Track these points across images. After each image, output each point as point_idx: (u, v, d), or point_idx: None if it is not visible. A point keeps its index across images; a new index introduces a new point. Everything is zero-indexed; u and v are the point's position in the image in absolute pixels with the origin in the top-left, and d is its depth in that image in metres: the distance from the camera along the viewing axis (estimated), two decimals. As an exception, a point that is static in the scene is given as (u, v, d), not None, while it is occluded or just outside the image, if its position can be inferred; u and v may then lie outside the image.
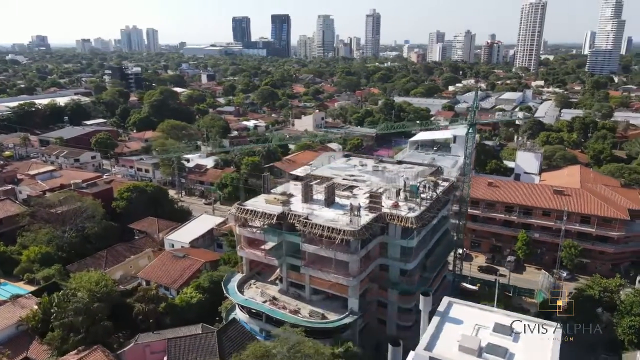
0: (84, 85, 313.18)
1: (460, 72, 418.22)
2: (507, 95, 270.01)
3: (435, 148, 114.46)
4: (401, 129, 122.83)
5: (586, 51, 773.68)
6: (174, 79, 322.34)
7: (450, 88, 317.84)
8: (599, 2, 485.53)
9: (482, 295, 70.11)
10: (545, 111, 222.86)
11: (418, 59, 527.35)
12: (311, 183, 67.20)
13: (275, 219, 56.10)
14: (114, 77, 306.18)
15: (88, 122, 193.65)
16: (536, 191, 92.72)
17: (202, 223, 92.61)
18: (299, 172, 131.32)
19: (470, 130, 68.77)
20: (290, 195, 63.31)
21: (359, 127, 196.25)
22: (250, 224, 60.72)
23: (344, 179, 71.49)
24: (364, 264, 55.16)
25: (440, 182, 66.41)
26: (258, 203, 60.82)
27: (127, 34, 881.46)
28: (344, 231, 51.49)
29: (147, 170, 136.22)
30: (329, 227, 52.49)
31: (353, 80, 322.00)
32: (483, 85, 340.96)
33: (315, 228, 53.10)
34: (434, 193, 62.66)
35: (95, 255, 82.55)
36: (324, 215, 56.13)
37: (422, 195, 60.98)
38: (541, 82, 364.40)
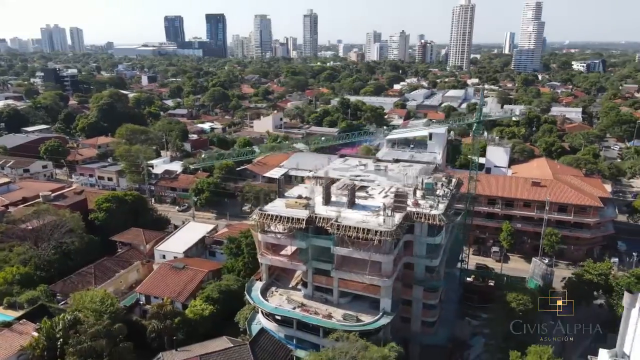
0: (11, 89, 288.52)
1: (400, 71, 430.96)
2: (452, 92, 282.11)
3: (412, 146, 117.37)
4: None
5: (507, 50, 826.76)
6: (114, 81, 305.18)
7: (396, 86, 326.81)
8: (521, 4, 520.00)
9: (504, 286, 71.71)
10: (490, 107, 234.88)
11: (358, 59, 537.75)
12: (318, 184, 66.96)
13: (304, 223, 54.95)
14: (47, 80, 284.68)
15: (28, 129, 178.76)
16: (515, 184, 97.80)
17: (191, 231, 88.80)
18: (273, 174, 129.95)
19: (475, 127, 70.96)
20: (308, 199, 62.38)
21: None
22: (271, 229, 59.16)
23: (350, 180, 71.42)
24: (395, 264, 55.48)
25: (452, 179, 68.09)
26: (278, 208, 59.31)
27: (48, 33, 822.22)
28: (381, 232, 51.50)
29: (110, 179, 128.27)
30: (364, 229, 52.29)
31: (301, 80, 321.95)
32: (425, 84, 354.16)
33: (349, 230, 52.67)
34: (448, 189, 64.31)
35: (81, 272, 76.72)
36: (352, 217, 55.81)
37: (438, 193, 62.43)
38: (476, 80, 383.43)
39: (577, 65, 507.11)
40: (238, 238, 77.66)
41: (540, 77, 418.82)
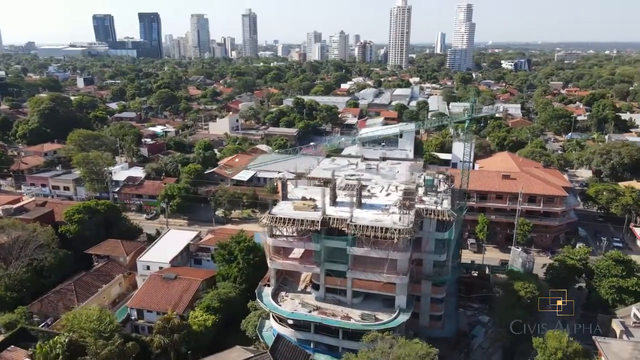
0: None
1: (343, 70, 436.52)
2: (399, 91, 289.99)
3: (383, 143, 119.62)
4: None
5: (438, 50, 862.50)
6: (47, 83, 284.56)
7: (343, 85, 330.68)
8: (452, 7, 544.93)
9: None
10: (438, 105, 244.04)
11: (300, 58, 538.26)
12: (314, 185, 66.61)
13: (319, 224, 54.29)
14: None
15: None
16: (488, 178, 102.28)
17: (172, 240, 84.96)
18: (241, 176, 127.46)
19: (467, 125, 73.25)
20: (313, 200, 61.78)
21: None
22: (279, 232, 57.94)
23: (347, 179, 71.51)
24: (410, 261, 56.19)
25: (449, 175, 69.89)
26: (285, 210, 58.21)
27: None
28: (400, 230, 52.01)
29: (66, 188, 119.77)
30: (381, 228, 52.55)
31: (248, 81, 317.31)
32: (370, 83, 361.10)
33: (367, 230, 52.72)
34: (446, 185, 66.07)
35: (60, 290, 71.36)
36: (364, 217, 55.90)
37: (440, 189, 63.97)
38: (417, 79, 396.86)
39: (505, 64, 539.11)
40: (229, 244, 75.28)
41: (474, 75, 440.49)
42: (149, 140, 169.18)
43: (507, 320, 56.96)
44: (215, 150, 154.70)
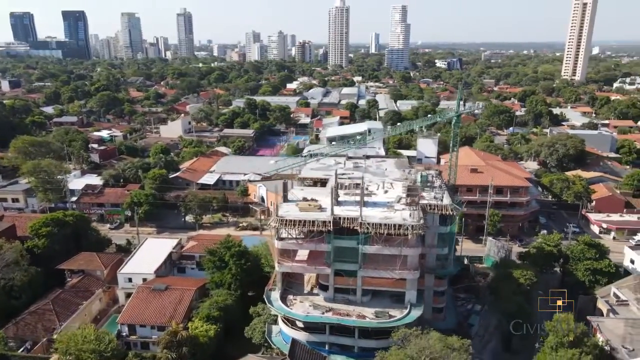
0: None
1: (285, 70, 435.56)
2: (347, 90, 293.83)
3: (351, 142, 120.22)
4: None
5: (373, 50, 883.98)
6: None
7: (290, 85, 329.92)
8: (386, 8, 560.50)
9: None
10: (386, 103, 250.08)
11: (240, 59, 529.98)
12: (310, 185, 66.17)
13: (331, 224, 53.83)
14: None
15: None
16: (458, 172, 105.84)
17: (152, 249, 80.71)
18: (206, 180, 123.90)
19: (455, 121, 75.47)
20: (315, 200, 61.21)
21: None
22: (288, 235, 56.86)
23: (340, 179, 71.43)
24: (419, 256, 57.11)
25: (440, 171, 71.66)
26: (291, 212, 57.17)
27: None
28: (413, 226, 52.78)
29: (15, 200, 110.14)
30: (394, 225, 53.06)
31: (193, 82, 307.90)
32: (315, 82, 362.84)
33: (380, 228, 53.01)
34: (439, 181, 67.85)
35: (37, 310, 65.90)
36: (373, 215, 56.14)
37: (436, 184, 65.61)
38: (360, 78, 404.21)
39: (439, 63, 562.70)
40: (218, 250, 72.77)
41: (412, 74, 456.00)
42: (95, 146, 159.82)
43: (508, 307, 59.55)
44: (172, 154, 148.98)
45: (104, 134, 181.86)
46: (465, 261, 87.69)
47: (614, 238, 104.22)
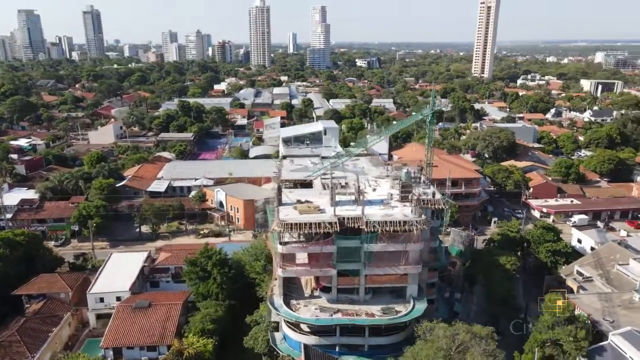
0: None
1: (208, 70, 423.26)
2: (278, 90, 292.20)
3: (307, 142, 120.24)
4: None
5: (291, 50, 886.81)
6: None
7: (217, 86, 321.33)
8: (309, 8, 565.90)
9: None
10: (320, 102, 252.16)
11: (157, 59, 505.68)
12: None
13: (337, 225, 53.46)
14: None
15: None
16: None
17: (120, 265, 74.95)
18: (156, 187, 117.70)
19: (430, 118, 77.61)
20: (309, 202, 60.48)
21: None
22: (291, 239, 55.64)
23: (324, 179, 71.20)
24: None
25: (421, 167, 73.70)
26: (291, 216, 56.00)
27: None
28: (418, 222, 53.98)
29: None
30: (400, 222, 53.95)
31: (113, 85, 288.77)
32: (242, 82, 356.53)
33: (386, 225, 53.61)
34: (421, 176, 69.93)
35: (2, 343, 58.32)
36: (374, 213, 56.65)
37: (422, 180, 67.54)
38: (286, 78, 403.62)
39: (360, 62, 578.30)
40: (199, 259, 69.31)
41: (335, 73, 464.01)
42: (15, 157, 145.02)
43: (499, 292, 63.03)
44: (109, 162, 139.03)
45: (23, 142, 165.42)
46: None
47: (553, 221, 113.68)
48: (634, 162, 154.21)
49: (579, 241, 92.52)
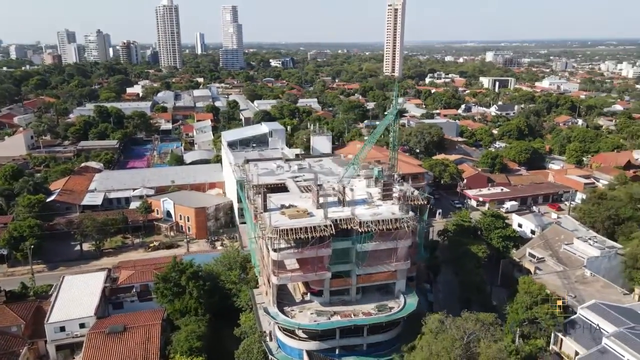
0: None
1: (116, 73, 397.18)
2: (199, 92, 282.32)
3: (253, 145, 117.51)
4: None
5: (199, 50, 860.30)
6: None
7: (130, 90, 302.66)
8: (219, 8, 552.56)
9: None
10: (246, 103, 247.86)
11: (55, 61, 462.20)
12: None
13: (332, 228, 53.15)
14: None
15: None
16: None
17: (76, 288, 68.04)
18: (91, 200, 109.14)
19: (395, 118, 79.26)
20: (294, 206, 59.52)
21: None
22: (285, 245, 54.29)
23: (297, 182, 70.44)
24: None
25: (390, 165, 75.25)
26: (281, 222, 54.70)
27: None
28: (409, 218, 55.41)
29: None
30: (392, 220, 55.01)
31: (10, 90, 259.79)
32: (156, 85, 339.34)
33: (379, 224, 54.34)
34: (393, 174, 71.70)
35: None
36: (363, 213, 57.17)
37: (396, 178, 69.22)
38: (201, 79, 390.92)
39: (274, 63, 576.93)
40: (169, 275, 65.23)
41: (251, 73, 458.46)
42: None
43: (474, 280, 66.70)
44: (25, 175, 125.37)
45: None
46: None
47: (488, 208, 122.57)
48: (545, 151, 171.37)
49: (520, 226, 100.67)
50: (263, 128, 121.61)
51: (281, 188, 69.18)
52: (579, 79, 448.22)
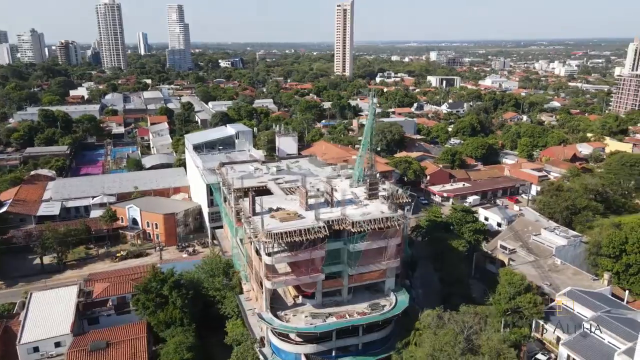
0: None
1: (57, 75, 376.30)
2: (150, 94, 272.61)
3: (220, 147, 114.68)
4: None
5: (142, 51, 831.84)
6: None
7: (74, 92, 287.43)
8: (163, 7, 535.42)
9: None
10: (201, 105, 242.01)
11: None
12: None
13: (326, 230, 52.77)
14: None
15: None
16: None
17: (47, 305, 63.66)
18: (47, 211, 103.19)
19: (372, 119, 79.59)
20: (282, 209, 58.66)
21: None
22: (278, 248, 53.30)
23: (278, 184, 69.49)
24: (394, 244, 60.33)
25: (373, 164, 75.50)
26: (273, 225, 53.72)
27: None
28: (399, 217, 55.98)
29: None
30: (383, 219, 55.32)
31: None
32: (100, 87, 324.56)
33: (372, 224, 54.53)
34: (375, 174, 72.20)
35: None
36: (353, 213, 57.19)
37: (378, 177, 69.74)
38: (149, 81, 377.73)
39: (223, 63, 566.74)
40: (150, 285, 62.48)
41: (201, 74, 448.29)
42: None
43: (454, 273, 68.41)
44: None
45: None
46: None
47: (452, 203, 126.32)
48: (498, 146, 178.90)
49: (486, 219, 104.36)
50: (229, 130, 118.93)
51: (264, 191, 67.91)
52: (518, 78, 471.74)
